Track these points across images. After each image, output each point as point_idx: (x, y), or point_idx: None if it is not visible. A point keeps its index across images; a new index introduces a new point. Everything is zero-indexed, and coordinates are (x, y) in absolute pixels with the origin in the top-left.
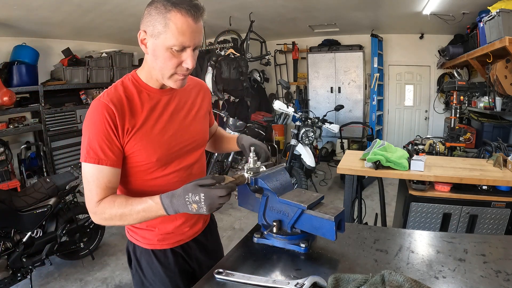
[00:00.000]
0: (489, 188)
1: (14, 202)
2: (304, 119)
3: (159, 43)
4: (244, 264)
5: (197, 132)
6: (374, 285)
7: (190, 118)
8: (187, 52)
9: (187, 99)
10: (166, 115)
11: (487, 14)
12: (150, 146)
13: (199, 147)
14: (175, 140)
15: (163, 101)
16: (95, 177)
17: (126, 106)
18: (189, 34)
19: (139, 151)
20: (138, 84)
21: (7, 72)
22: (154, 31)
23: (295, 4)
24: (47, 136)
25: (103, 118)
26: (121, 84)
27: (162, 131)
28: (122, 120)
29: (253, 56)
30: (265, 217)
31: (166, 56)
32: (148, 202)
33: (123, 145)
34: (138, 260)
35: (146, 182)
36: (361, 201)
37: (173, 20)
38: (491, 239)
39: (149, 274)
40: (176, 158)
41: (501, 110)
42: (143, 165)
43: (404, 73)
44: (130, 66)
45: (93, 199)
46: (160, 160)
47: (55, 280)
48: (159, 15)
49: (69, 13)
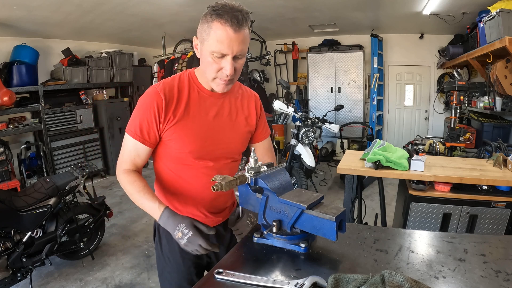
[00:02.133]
0: (489, 188)
1: (14, 202)
2: (304, 119)
3: (204, 49)
4: (244, 264)
5: (234, 141)
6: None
7: (231, 125)
8: (226, 59)
9: (235, 107)
10: (210, 116)
11: (487, 14)
12: (186, 137)
13: (231, 156)
14: (210, 140)
15: (210, 102)
16: (128, 147)
17: (176, 97)
18: (227, 43)
19: (176, 140)
20: (193, 81)
21: (7, 72)
22: (201, 37)
23: (295, 4)
24: (47, 136)
25: (152, 104)
26: (178, 77)
27: (200, 128)
28: (167, 110)
29: (253, 56)
30: (265, 217)
31: (209, 61)
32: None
33: (162, 130)
34: (160, 236)
35: (181, 166)
36: (361, 201)
37: (214, 29)
38: (491, 239)
39: (166, 250)
40: (208, 156)
41: (501, 110)
42: (178, 152)
43: (404, 73)
44: (130, 66)
45: (121, 166)
46: (192, 152)
47: (55, 280)
48: (205, 24)
49: (69, 13)
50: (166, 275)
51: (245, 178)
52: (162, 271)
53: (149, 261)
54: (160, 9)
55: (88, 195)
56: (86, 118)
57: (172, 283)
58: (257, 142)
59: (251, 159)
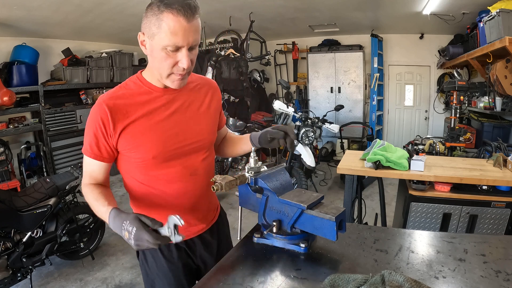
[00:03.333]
0: (489, 188)
1: (14, 202)
2: (304, 119)
3: (154, 44)
4: (244, 264)
5: (202, 132)
6: (374, 285)
7: (195, 117)
8: (182, 52)
9: (194, 98)
10: (167, 114)
11: (487, 14)
12: (145, 144)
13: (204, 147)
14: (174, 139)
15: (165, 100)
16: (85, 163)
17: (122, 107)
18: (182, 34)
19: (134, 148)
20: (142, 83)
21: (7, 72)
22: (150, 32)
23: (295, 4)
24: (47, 136)
25: (96, 119)
26: (124, 84)
27: (159, 129)
28: (113, 121)
29: (253, 56)
30: (265, 217)
31: (161, 56)
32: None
33: (115, 143)
34: (144, 252)
35: (150, 176)
36: (361, 201)
37: (165, 21)
38: (491, 239)
39: (153, 266)
40: (176, 157)
41: (501, 110)
42: (141, 161)
43: (404, 73)
44: (130, 66)
45: (83, 180)
46: (156, 157)
47: (55, 280)
48: (153, 17)
49: (69, 13)
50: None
51: (245, 178)
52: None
53: None
54: None
55: None
56: (86, 118)
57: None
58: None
59: (251, 159)
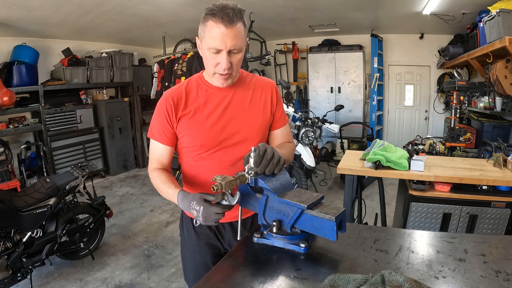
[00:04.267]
0: (489, 188)
1: (14, 202)
2: (304, 119)
3: (202, 46)
4: (244, 263)
5: (248, 128)
6: (374, 285)
7: (245, 114)
8: (221, 54)
9: (248, 97)
10: (220, 109)
11: (487, 14)
12: (196, 132)
13: (247, 142)
14: (222, 131)
15: (219, 97)
16: (153, 149)
17: (183, 99)
18: (221, 38)
19: (188, 135)
20: (201, 81)
21: (7, 72)
22: (200, 37)
23: (295, 4)
24: (47, 136)
25: (162, 108)
26: (186, 81)
27: (210, 121)
28: (176, 110)
29: (253, 56)
30: (265, 217)
31: (207, 57)
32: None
33: (175, 128)
34: (183, 224)
35: (193, 162)
36: (361, 201)
37: (208, 27)
38: (491, 239)
39: (186, 238)
40: (221, 147)
41: (501, 110)
42: (190, 146)
43: (404, 73)
44: (130, 66)
45: (150, 165)
46: (203, 145)
47: (55, 280)
48: (202, 24)
49: (69, 13)
50: (187, 260)
51: (245, 178)
52: (184, 256)
53: (149, 261)
54: (160, 9)
55: (88, 195)
56: (86, 118)
57: (191, 268)
58: (276, 129)
59: (251, 159)
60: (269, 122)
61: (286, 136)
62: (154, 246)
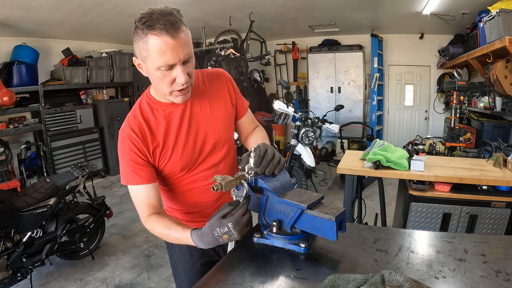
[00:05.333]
0: (489, 188)
1: (14, 202)
2: (304, 119)
3: (148, 67)
4: (244, 264)
5: (217, 132)
6: (374, 285)
7: (208, 119)
8: (176, 68)
9: (205, 100)
10: (185, 127)
11: (487, 14)
12: (172, 159)
13: (221, 146)
14: (194, 148)
15: (177, 114)
16: (137, 195)
17: (146, 130)
18: (171, 52)
19: (165, 165)
20: (152, 103)
21: (7, 72)
22: (141, 56)
23: (295, 4)
24: (47, 136)
25: (129, 147)
26: (138, 108)
27: (181, 144)
28: (145, 144)
29: (253, 56)
30: (265, 217)
31: (158, 76)
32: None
33: (153, 162)
34: None
35: (178, 185)
36: (361, 201)
37: (151, 43)
38: (491, 239)
39: (176, 250)
40: (200, 162)
41: (501, 110)
42: (170, 173)
43: (404, 73)
44: (130, 66)
45: (142, 215)
46: (184, 168)
47: (55, 280)
48: (140, 41)
49: (69, 13)
50: (179, 273)
51: (245, 178)
52: (175, 269)
53: (149, 261)
54: None
55: (88, 195)
56: (86, 118)
57: (184, 280)
58: (241, 119)
59: (251, 159)
60: (233, 114)
61: (252, 122)
62: (154, 246)
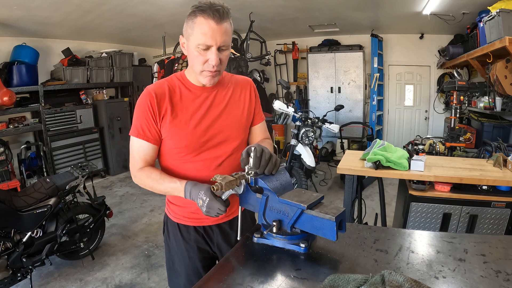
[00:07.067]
0: (489, 188)
1: (14, 202)
2: (304, 119)
3: (190, 44)
4: (244, 264)
5: (229, 126)
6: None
7: (226, 113)
8: (211, 50)
9: (227, 96)
10: (203, 110)
11: (487, 14)
12: (180, 133)
13: (231, 141)
14: (205, 132)
15: (202, 97)
16: (137, 149)
17: (167, 95)
18: (211, 34)
19: (172, 136)
20: (183, 80)
21: (7, 72)
22: (187, 34)
23: (295, 4)
24: (47, 136)
25: (146, 103)
26: (168, 78)
27: (194, 122)
28: (159, 106)
29: (253, 56)
30: (265, 217)
31: (195, 54)
32: (177, 183)
33: (159, 127)
34: (168, 230)
35: (178, 164)
36: (361, 201)
37: (197, 24)
38: (491, 239)
39: (173, 244)
40: (206, 148)
41: (501, 110)
42: (174, 148)
43: (404, 73)
44: (130, 66)
45: (135, 166)
46: (188, 146)
47: (55, 280)
48: (190, 21)
49: (69, 13)
50: (175, 267)
51: (245, 178)
52: (172, 263)
53: (149, 261)
54: (160, 9)
55: (88, 195)
56: (86, 118)
57: (180, 275)
58: (255, 125)
59: (251, 159)
60: (250, 120)
61: (265, 132)
62: (154, 246)
